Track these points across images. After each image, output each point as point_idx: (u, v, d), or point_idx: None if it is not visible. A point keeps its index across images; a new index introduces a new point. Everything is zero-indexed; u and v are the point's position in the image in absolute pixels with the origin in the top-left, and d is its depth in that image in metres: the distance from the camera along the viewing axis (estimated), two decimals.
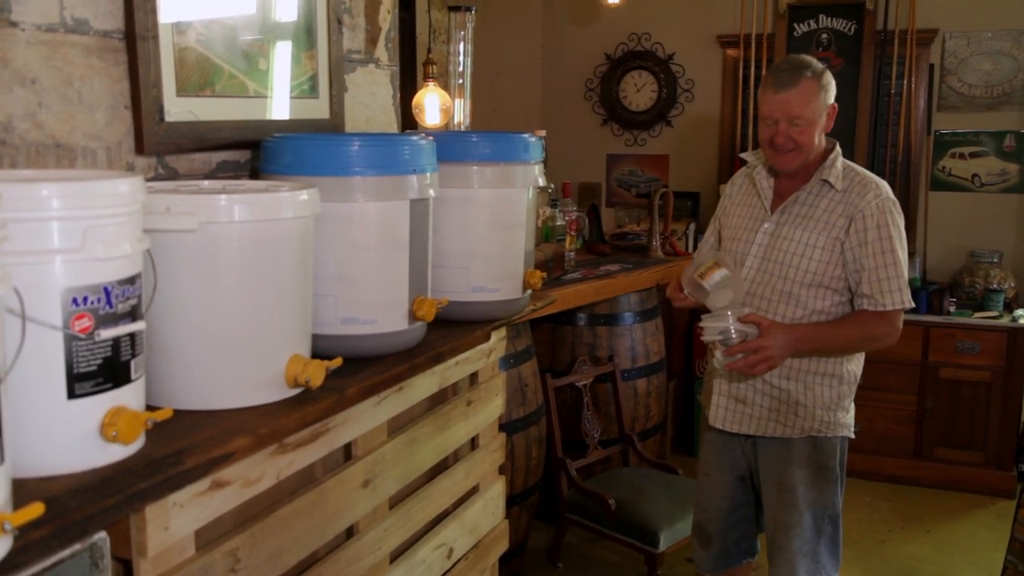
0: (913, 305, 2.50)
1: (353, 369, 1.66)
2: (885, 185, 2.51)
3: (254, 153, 1.97)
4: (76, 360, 1.14)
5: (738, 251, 2.61)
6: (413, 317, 1.80)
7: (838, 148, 2.57)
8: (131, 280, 1.21)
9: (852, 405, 2.65)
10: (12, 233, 1.05)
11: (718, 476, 2.76)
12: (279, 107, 2.05)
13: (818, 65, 2.49)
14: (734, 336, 2.37)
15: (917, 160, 5.13)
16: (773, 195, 2.59)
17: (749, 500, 2.76)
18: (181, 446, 1.28)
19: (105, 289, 1.16)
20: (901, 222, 2.49)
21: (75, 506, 1.09)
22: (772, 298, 2.53)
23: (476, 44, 3.96)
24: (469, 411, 2.23)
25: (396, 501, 1.92)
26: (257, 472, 1.46)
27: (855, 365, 2.61)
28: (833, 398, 2.55)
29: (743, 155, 2.76)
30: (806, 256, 2.47)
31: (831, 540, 2.61)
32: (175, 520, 1.29)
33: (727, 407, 2.64)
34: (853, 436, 2.65)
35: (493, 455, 2.39)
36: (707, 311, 2.43)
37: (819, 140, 2.50)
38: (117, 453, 1.21)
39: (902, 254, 2.46)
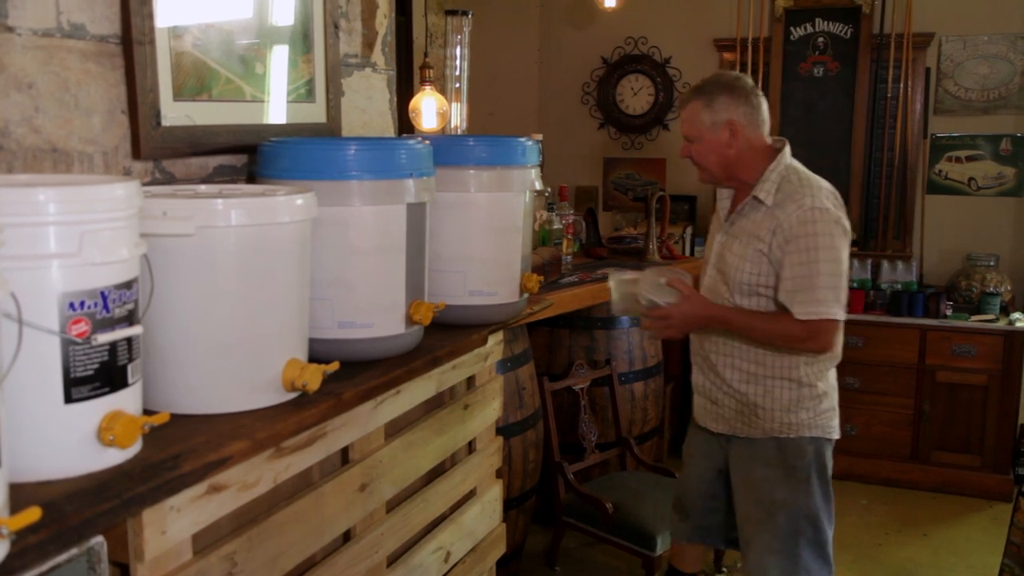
0: (837, 317, 2.45)
1: (350, 373, 1.66)
2: (821, 193, 2.49)
3: (251, 157, 1.97)
4: (73, 364, 1.14)
5: (707, 259, 2.75)
6: (410, 321, 1.80)
7: (780, 157, 2.58)
8: (128, 284, 1.21)
9: (827, 407, 2.63)
10: (9, 237, 1.05)
11: (699, 462, 2.87)
12: (276, 111, 2.05)
13: (715, 83, 2.58)
14: (643, 302, 2.54)
15: (913, 164, 5.14)
16: (731, 207, 2.68)
17: (726, 494, 2.81)
18: (178, 450, 1.28)
19: (102, 293, 1.16)
20: (831, 230, 2.44)
21: (72, 510, 1.09)
22: (719, 300, 2.63)
23: (473, 48, 3.97)
24: (466, 415, 2.23)
25: (393, 505, 1.92)
26: (254, 476, 1.46)
27: (814, 371, 2.59)
28: (792, 399, 2.58)
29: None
30: (739, 268, 2.55)
31: (814, 543, 2.59)
32: (172, 524, 1.29)
33: (704, 406, 2.77)
34: (832, 438, 2.64)
35: (490, 459, 2.39)
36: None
37: (726, 156, 2.57)
38: (114, 457, 1.21)
39: (823, 265, 2.41)
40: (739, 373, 2.62)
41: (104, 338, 1.17)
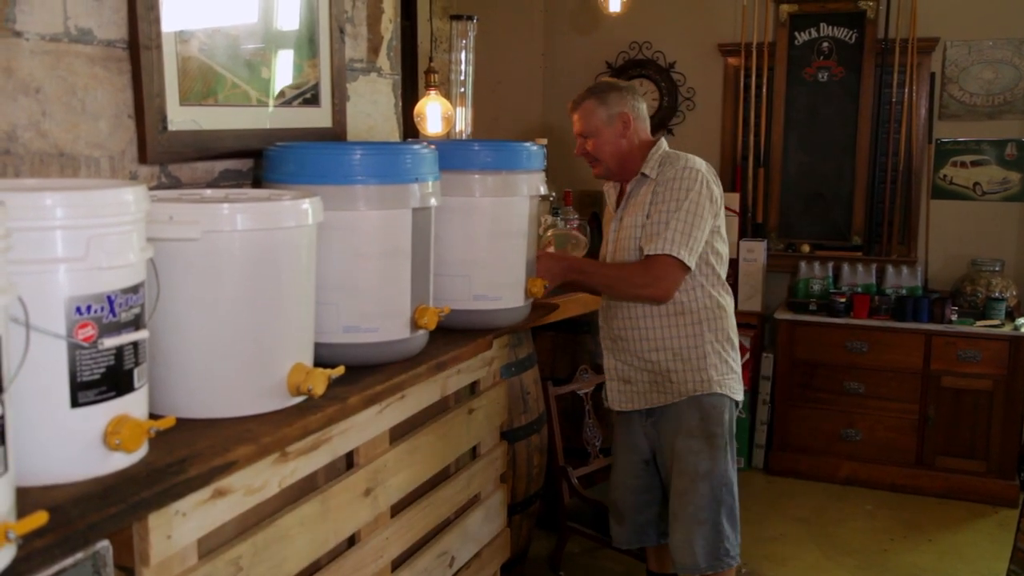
0: (679, 256, 2.56)
1: (355, 377, 1.67)
2: (695, 160, 2.70)
3: (257, 162, 1.97)
4: (79, 369, 1.15)
5: (604, 252, 2.90)
6: (415, 326, 1.80)
7: (661, 142, 2.80)
8: (134, 289, 1.21)
9: (732, 371, 2.77)
10: (16, 242, 1.05)
11: (624, 457, 2.95)
12: (281, 116, 2.05)
13: (606, 84, 2.86)
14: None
15: (918, 169, 5.13)
16: (618, 197, 2.87)
17: (656, 483, 2.90)
18: (184, 455, 1.28)
19: (108, 298, 1.16)
20: (698, 187, 2.62)
21: (78, 515, 1.09)
22: None
23: (477, 52, 3.97)
24: (471, 419, 2.23)
25: (398, 509, 1.92)
26: (259, 480, 1.46)
27: (710, 329, 2.73)
28: (699, 357, 2.70)
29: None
30: (633, 236, 2.70)
31: (730, 509, 2.72)
32: (178, 528, 1.29)
33: (618, 389, 2.86)
34: (738, 399, 2.78)
35: (494, 463, 2.39)
36: None
37: (619, 147, 2.77)
38: (120, 462, 1.21)
39: (682, 213, 2.58)
40: (648, 343, 2.74)
41: (110, 342, 1.17)
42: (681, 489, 2.72)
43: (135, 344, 1.22)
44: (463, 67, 3.92)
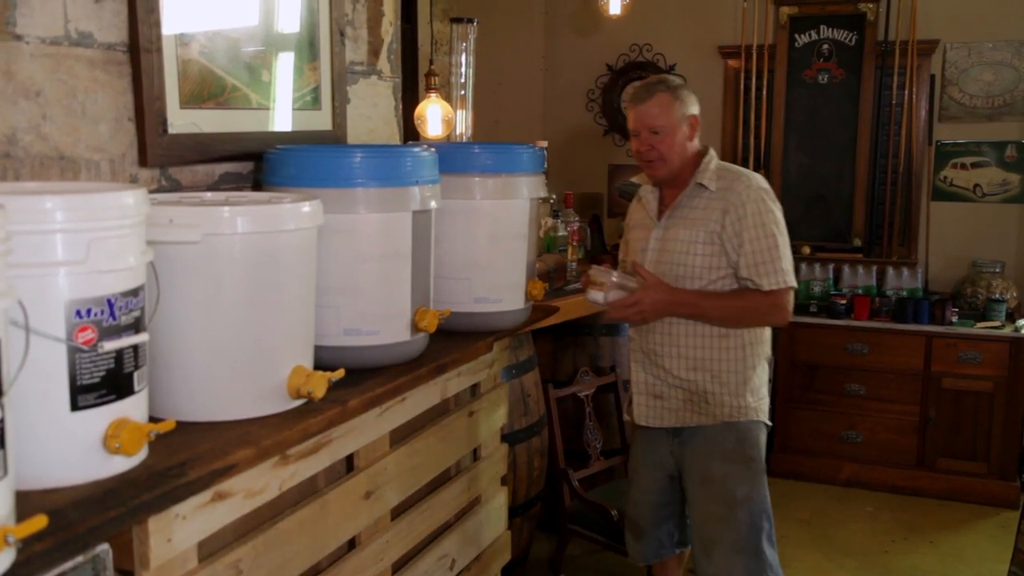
0: (795, 285, 2.59)
1: (355, 380, 1.67)
2: (757, 177, 2.65)
3: (257, 165, 1.98)
4: (79, 372, 1.15)
5: (637, 261, 2.74)
6: (415, 328, 1.80)
7: (712, 152, 2.72)
8: (134, 292, 1.21)
9: (764, 394, 2.72)
10: (16, 245, 1.05)
11: (646, 473, 2.86)
12: (282, 119, 2.05)
13: (674, 80, 2.73)
14: (611, 297, 2.56)
15: (918, 170, 5.13)
16: (659, 206, 2.75)
17: (677, 497, 2.84)
18: (184, 458, 1.28)
19: (108, 301, 1.16)
20: (775, 208, 2.60)
21: (78, 518, 1.09)
22: None
23: (478, 55, 3.97)
24: (471, 422, 2.23)
25: (398, 512, 1.92)
26: (259, 484, 1.46)
27: (756, 353, 2.68)
28: (739, 383, 2.64)
29: (633, 179, 2.93)
30: (690, 252, 2.60)
31: (769, 536, 2.66)
32: (178, 532, 1.29)
33: (647, 404, 2.76)
34: (769, 424, 2.73)
35: (495, 466, 2.39)
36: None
37: (685, 149, 2.66)
38: (120, 465, 1.21)
39: (779, 238, 2.56)
40: (685, 361, 2.65)
41: (110, 346, 1.17)
42: (718, 515, 2.65)
43: (135, 347, 1.22)
44: (463, 70, 3.92)
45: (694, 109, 2.70)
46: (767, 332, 2.71)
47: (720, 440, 2.65)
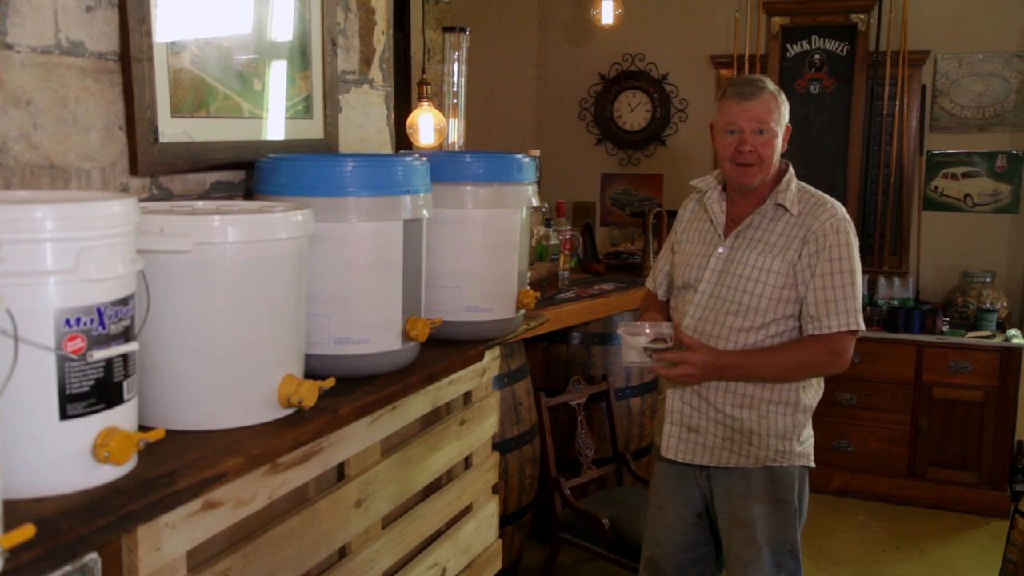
0: (863, 329, 2.39)
1: (346, 389, 1.66)
2: (840, 206, 2.47)
3: (248, 173, 1.98)
4: (68, 381, 1.15)
5: (689, 277, 2.55)
6: (406, 337, 1.80)
7: (791, 170, 2.54)
8: (124, 301, 1.21)
9: (810, 435, 2.56)
10: (6, 254, 1.05)
11: (673, 510, 2.64)
12: (274, 128, 2.06)
13: (773, 83, 2.51)
14: (649, 358, 2.36)
15: (910, 180, 5.16)
16: (726, 219, 2.53)
17: (707, 538, 2.65)
18: (173, 466, 1.28)
19: (98, 310, 1.16)
20: (855, 244, 2.43)
21: (66, 527, 1.09)
22: (725, 323, 2.46)
23: (470, 64, 3.98)
24: (462, 430, 2.23)
25: (389, 521, 1.92)
26: (249, 492, 1.46)
27: (811, 395, 2.51)
28: (788, 426, 2.46)
29: (693, 182, 2.68)
30: (760, 281, 2.40)
31: (792, 574, 2.52)
32: (167, 541, 1.28)
33: (680, 436, 2.56)
34: (812, 466, 2.56)
35: (486, 474, 2.39)
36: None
37: (778, 159, 2.49)
38: (109, 474, 1.21)
39: (855, 276, 2.38)
40: (732, 396, 2.46)
41: (100, 354, 1.17)
42: (746, 558, 2.49)
43: (125, 356, 1.22)
44: (456, 79, 3.93)
45: (788, 117, 2.51)
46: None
47: (755, 481, 2.48)
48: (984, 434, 4.63)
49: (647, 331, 2.40)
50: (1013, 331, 4.67)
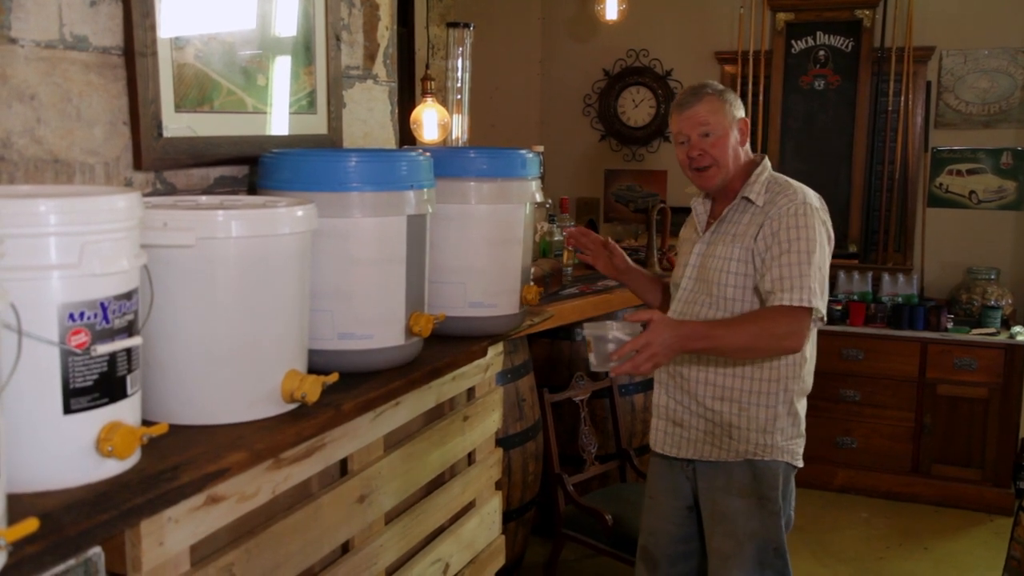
0: (822, 312, 2.31)
1: (349, 384, 1.66)
2: (808, 192, 2.44)
3: (252, 168, 1.98)
4: (72, 375, 1.15)
5: (678, 277, 2.60)
6: (410, 332, 1.80)
7: (765, 162, 2.53)
8: (128, 295, 1.21)
9: (797, 434, 2.52)
10: (9, 248, 1.06)
11: (664, 501, 2.67)
12: (277, 123, 2.05)
13: (718, 85, 2.54)
14: (611, 347, 2.21)
15: (914, 177, 5.15)
16: (708, 218, 2.59)
17: (696, 533, 2.64)
18: (176, 461, 1.28)
19: (102, 304, 1.16)
20: (815, 224, 2.35)
21: (70, 521, 1.09)
22: (700, 315, 2.48)
23: (474, 60, 3.98)
24: (466, 426, 2.23)
25: (392, 516, 1.92)
26: (252, 487, 1.46)
27: (794, 388, 2.47)
28: (768, 419, 2.45)
29: (688, 190, 2.73)
30: (725, 270, 2.43)
31: (780, 574, 2.49)
32: (170, 535, 1.28)
33: (665, 430, 2.60)
34: (799, 465, 2.54)
35: (490, 470, 2.39)
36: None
37: (738, 155, 2.49)
38: (112, 468, 1.21)
39: (812, 255, 2.31)
40: (713, 389, 2.47)
41: (103, 349, 1.17)
42: (726, 552, 2.48)
43: (128, 351, 1.22)
44: (460, 74, 3.93)
45: (742, 112, 2.51)
46: (808, 366, 2.49)
47: (736, 475, 2.48)
48: (988, 431, 4.62)
49: (614, 331, 2.26)
50: (1018, 328, 4.66)
